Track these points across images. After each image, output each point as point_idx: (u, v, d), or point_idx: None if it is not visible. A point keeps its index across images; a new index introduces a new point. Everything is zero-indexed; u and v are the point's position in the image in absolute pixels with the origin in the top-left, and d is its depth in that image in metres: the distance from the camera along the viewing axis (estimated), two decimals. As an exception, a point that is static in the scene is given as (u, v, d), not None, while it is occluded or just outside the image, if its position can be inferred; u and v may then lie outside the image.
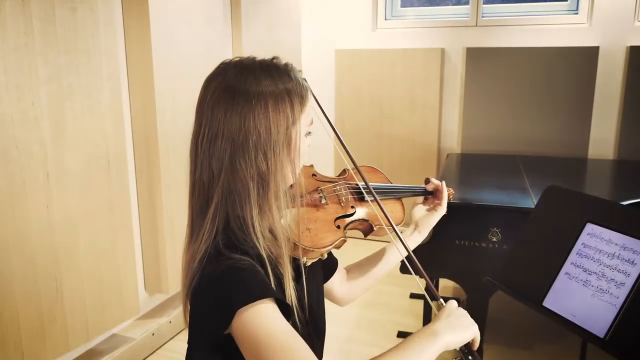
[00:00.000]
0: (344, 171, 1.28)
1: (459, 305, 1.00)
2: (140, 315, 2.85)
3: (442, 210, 1.32)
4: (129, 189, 2.60)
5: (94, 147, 2.36)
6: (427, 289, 1.06)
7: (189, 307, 0.96)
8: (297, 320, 0.97)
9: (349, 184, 1.21)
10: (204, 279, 0.92)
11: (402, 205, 1.30)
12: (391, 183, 1.33)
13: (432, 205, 1.33)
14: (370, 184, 1.18)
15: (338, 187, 1.19)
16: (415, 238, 1.32)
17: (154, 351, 2.80)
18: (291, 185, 1.03)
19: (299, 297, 1.02)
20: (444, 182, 1.33)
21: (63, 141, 2.21)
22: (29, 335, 2.13)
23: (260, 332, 0.85)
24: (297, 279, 1.05)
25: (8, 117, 1.98)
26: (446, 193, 1.31)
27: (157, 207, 2.75)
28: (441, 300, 1.03)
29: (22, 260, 2.08)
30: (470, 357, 0.97)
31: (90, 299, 2.41)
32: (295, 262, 1.07)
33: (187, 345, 0.94)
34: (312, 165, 1.23)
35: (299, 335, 0.88)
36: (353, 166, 1.21)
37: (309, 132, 1.04)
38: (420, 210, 1.34)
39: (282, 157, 0.96)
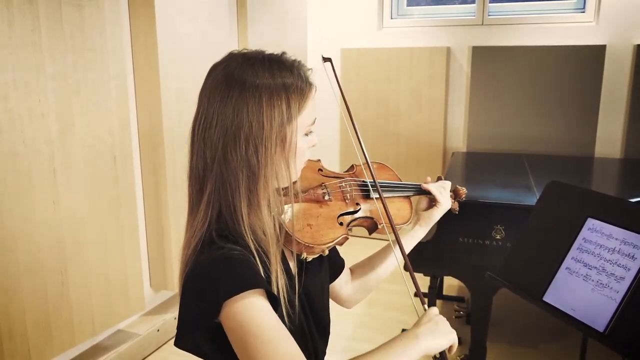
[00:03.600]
0: (352, 167, 1.27)
1: (463, 302, 1.01)
2: (145, 312, 2.87)
3: (443, 206, 1.30)
4: (134, 186, 2.62)
5: (100, 144, 2.38)
6: (416, 294, 1.06)
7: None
8: (286, 315, 0.96)
9: (355, 180, 1.19)
10: (196, 266, 0.92)
11: (410, 203, 1.28)
12: (400, 180, 1.31)
13: (434, 200, 1.31)
14: (377, 181, 1.16)
15: (344, 184, 1.17)
16: (417, 232, 1.31)
17: (159, 347, 2.82)
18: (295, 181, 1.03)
19: (293, 293, 1.01)
20: (441, 182, 1.32)
21: (70, 138, 2.24)
22: (35, 329, 2.15)
23: (248, 324, 0.86)
24: (297, 273, 1.05)
25: (15, 114, 2.01)
26: (437, 192, 1.29)
27: (163, 204, 2.78)
28: (425, 306, 1.04)
29: (28, 255, 2.11)
30: None
31: (96, 295, 2.43)
32: (297, 257, 1.07)
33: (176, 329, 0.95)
34: (319, 160, 1.21)
35: (287, 331, 0.88)
36: (364, 161, 1.19)
37: (311, 132, 1.01)
38: (423, 204, 1.34)
39: (275, 154, 0.95)
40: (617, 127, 3.81)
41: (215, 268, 0.90)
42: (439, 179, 1.37)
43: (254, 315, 0.86)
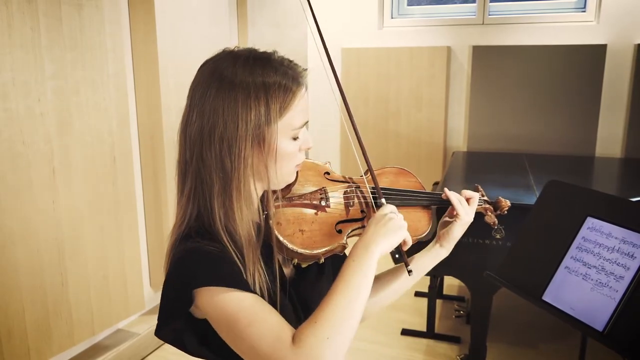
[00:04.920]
0: (367, 172, 1.16)
1: (463, 302, 0.99)
2: (145, 311, 2.87)
3: (463, 219, 1.15)
4: (134, 185, 2.62)
5: (99, 143, 2.38)
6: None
7: None
8: None
9: (363, 186, 1.10)
10: (172, 258, 0.93)
11: (430, 215, 1.17)
12: (423, 189, 1.20)
13: (452, 215, 1.17)
14: (388, 188, 1.09)
15: (348, 190, 1.09)
16: (439, 254, 1.18)
17: (159, 347, 2.82)
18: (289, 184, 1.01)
19: (285, 297, 0.99)
20: (463, 192, 1.19)
21: (69, 137, 2.23)
22: (34, 329, 2.15)
23: (225, 309, 0.85)
24: (291, 278, 1.03)
25: (14, 113, 2.01)
26: (457, 202, 1.15)
27: (162, 203, 2.77)
28: (382, 199, 1.03)
29: (28, 254, 2.11)
30: (401, 261, 0.97)
31: (96, 294, 2.43)
32: (288, 261, 1.04)
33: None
34: (327, 163, 1.15)
35: (266, 305, 0.87)
36: (376, 167, 1.10)
37: (298, 136, 0.96)
38: (443, 220, 1.21)
39: (252, 157, 0.92)
40: (618, 127, 3.80)
41: (189, 258, 0.89)
42: (476, 189, 1.25)
43: (229, 299, 0.85)
